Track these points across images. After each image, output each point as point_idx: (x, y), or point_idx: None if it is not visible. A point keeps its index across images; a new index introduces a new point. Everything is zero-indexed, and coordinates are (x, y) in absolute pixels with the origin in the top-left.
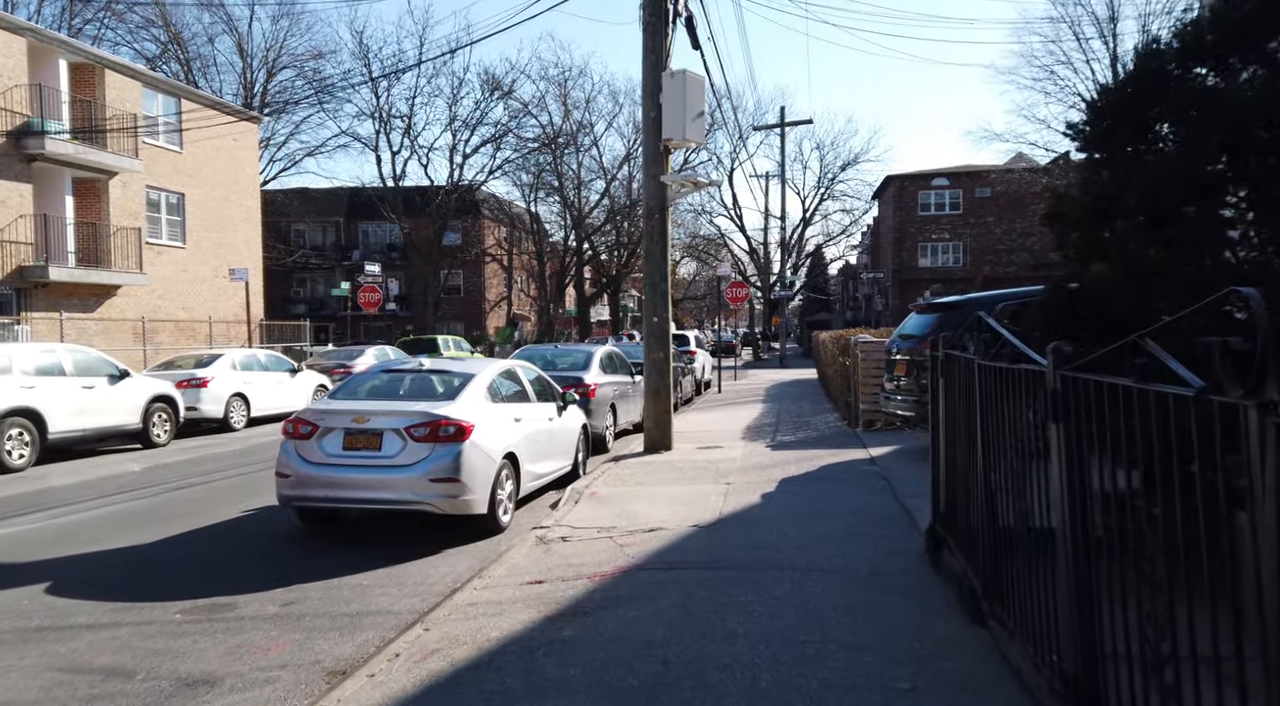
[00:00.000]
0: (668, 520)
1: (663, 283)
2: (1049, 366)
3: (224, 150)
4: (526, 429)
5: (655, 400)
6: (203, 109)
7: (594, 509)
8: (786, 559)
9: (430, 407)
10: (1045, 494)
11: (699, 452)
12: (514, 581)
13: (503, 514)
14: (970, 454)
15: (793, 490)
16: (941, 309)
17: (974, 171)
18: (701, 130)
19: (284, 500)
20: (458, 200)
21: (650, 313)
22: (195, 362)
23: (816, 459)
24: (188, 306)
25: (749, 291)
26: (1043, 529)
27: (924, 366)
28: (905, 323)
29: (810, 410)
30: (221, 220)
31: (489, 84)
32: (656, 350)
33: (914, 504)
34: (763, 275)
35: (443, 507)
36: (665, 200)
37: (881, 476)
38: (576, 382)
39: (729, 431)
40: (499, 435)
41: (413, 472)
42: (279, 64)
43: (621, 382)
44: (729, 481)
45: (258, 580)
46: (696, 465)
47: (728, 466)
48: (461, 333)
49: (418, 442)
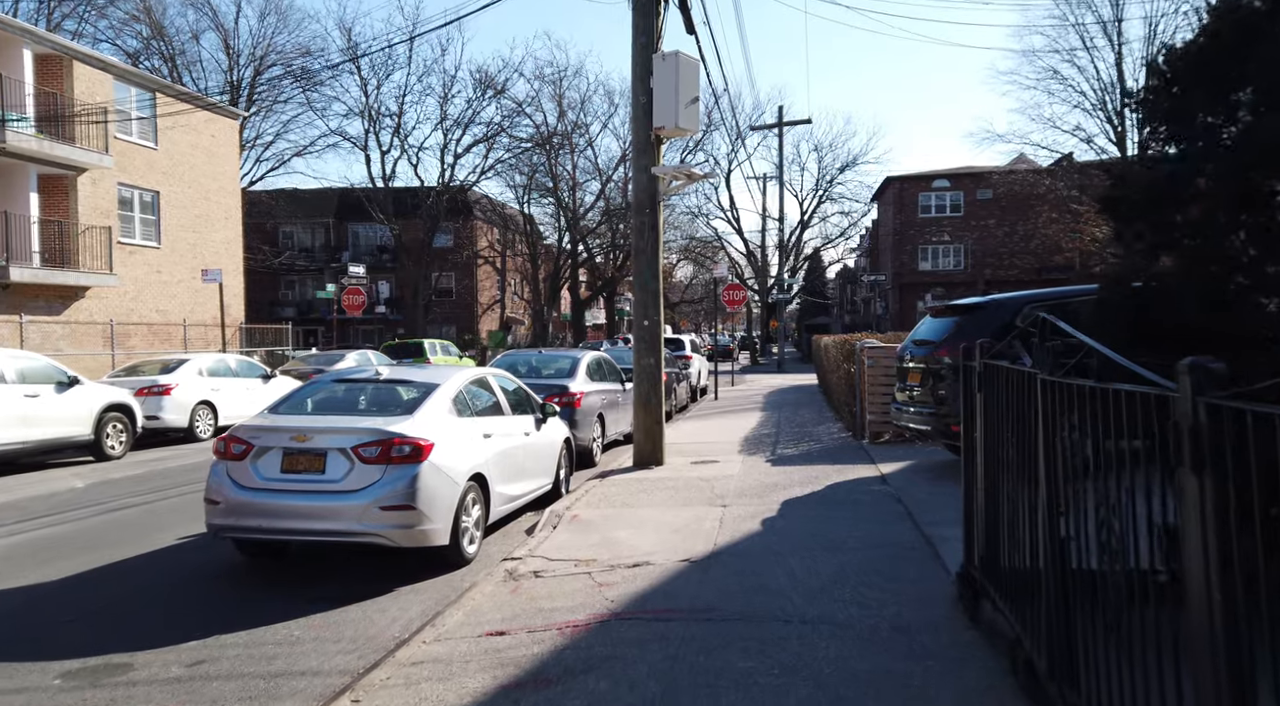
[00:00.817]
0: (655, 552)
1: (654, 282)
2: (1184, 391)
3: (202, 147)
4: (499, 445)
5: (645, 410)
6: (180, 104)
7: (574, 535)
8: (793, 607)
9: (383, 423)
10: (1162, 554)
11: (693, 468)
12: (472, 631)
13: (468, 544)
14: (1025, 489)
15: (797, 515)
16: (961, 312)
17: (975, 173)
18: (696, 118)
19: (213, 530)
20: (449, 201)
21: (641, 315)
22: (161, 368)
23: (822, 477)
24: (163, 309)
25: (746, 294)
26: (1155, 596)
27: (941, 375)
28: (919, 327)
29: (812, 419)
30: (199, 220)
31: (481, 82)
32: (647, 355)
33: (937, 533)
34: (760, 278)
35: (396, 540)
36: (657, 194)
37: (895, 498)
38: (560, 391)
39: (725, 443)
40: (465, 454)
41: (360, 499)
42: (266, 62)
43: (610, 390)
44: (725, 504)
45: (170, 631)
46: (690, 483)
47: (724, 485)
48: (453, 336)
49: (367, 464)
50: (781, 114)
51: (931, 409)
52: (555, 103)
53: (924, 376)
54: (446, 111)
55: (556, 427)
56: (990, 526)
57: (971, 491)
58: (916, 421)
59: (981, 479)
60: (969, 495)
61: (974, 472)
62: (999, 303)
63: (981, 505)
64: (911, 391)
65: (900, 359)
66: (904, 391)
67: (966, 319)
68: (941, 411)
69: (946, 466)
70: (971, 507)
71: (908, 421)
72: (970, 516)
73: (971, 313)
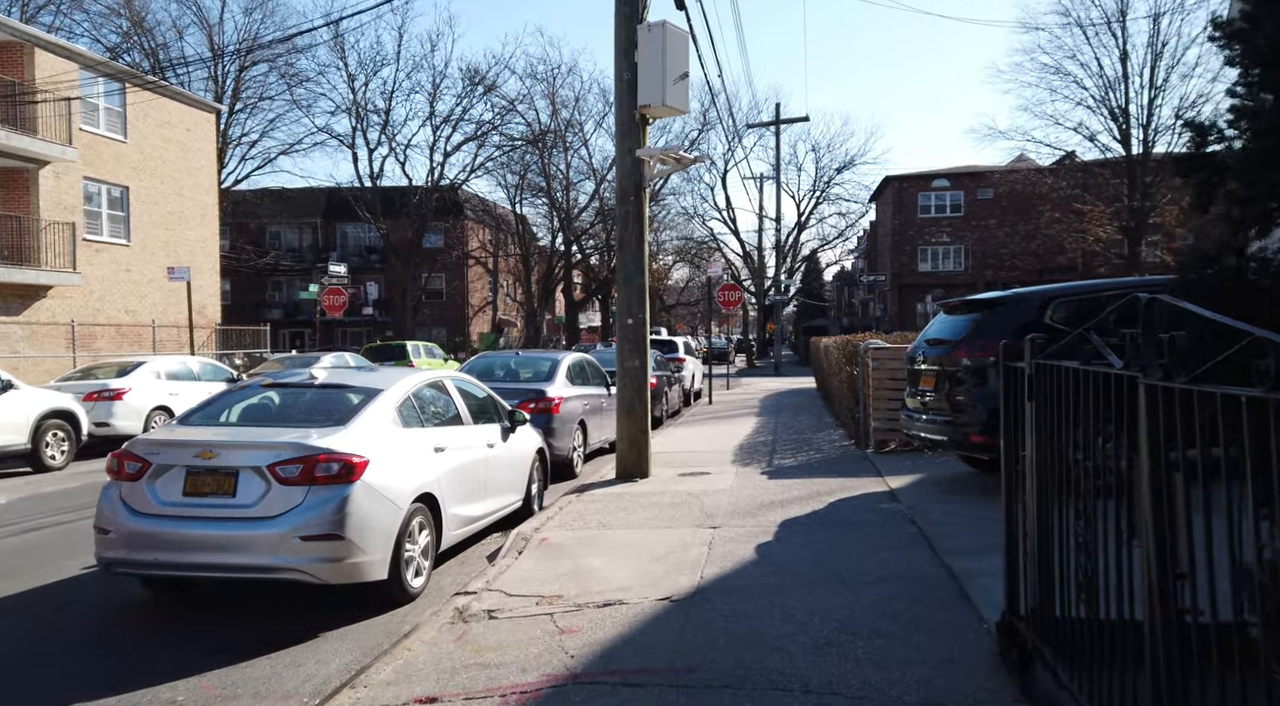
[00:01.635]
0: (631, 586)
1: (640, 277)
2: None
3: (176, 141)
4: (455, 460)
5: (629, 417)
6: (154, 96)
7: (541, 563)
8: (793, 669)
9: (305, 437)
10: None
11: (681, 481)
12: (398, 696)
13: (413, 576)
14: (1108, 524)
15: (797, 541)
16: (980, 308)
17: (976, 172)
18: (685, 96)
19: (103, 564)
20: (439, 200)
21: (625, 312)
22: (118, 371)
23: (824, 493)
24: (132, 309)
25: (741, 295)
26: None
27: (959, 379)
28: (931, 325)
29: (811, 425)
30: (172, 216)
31: (472, 78)
32: (632, 357)
33: (961, 565)
34: (757, 280)
35: (321, 575)
36: (642, 180)
37: (908, 519)
38: (537, 396)
39: (718, 452)
40: (410, 471)
41: (277, 528)
42: (251, 58)
43: (593, 395)
44: (715, 524)
45: (23, 696)
46: (677, 499)
47: (715, 502)
48: (443, 338)
49: (286, 486)
50: (779, 112)
51: (948, 417)
52: (548, 100)
53: (939, 380)
54: (435, 108)
55: (528, 437)
56: (1043, 568)
57: (1015, 523)
58: (931, 431)
59: (1034, 509)
60: (1012, 527)
61: (1019, 501)
62: (1021, 297)
63: (1033, 542)
64: (924, 397)
65: (911, 361)
66: (916, 397)
67: (987, 315)
68: (960, 420)
69: (961, 480)
70: (1016, 543)
71: (920, 431)
72: (1015, 555)
73: (992, 308)
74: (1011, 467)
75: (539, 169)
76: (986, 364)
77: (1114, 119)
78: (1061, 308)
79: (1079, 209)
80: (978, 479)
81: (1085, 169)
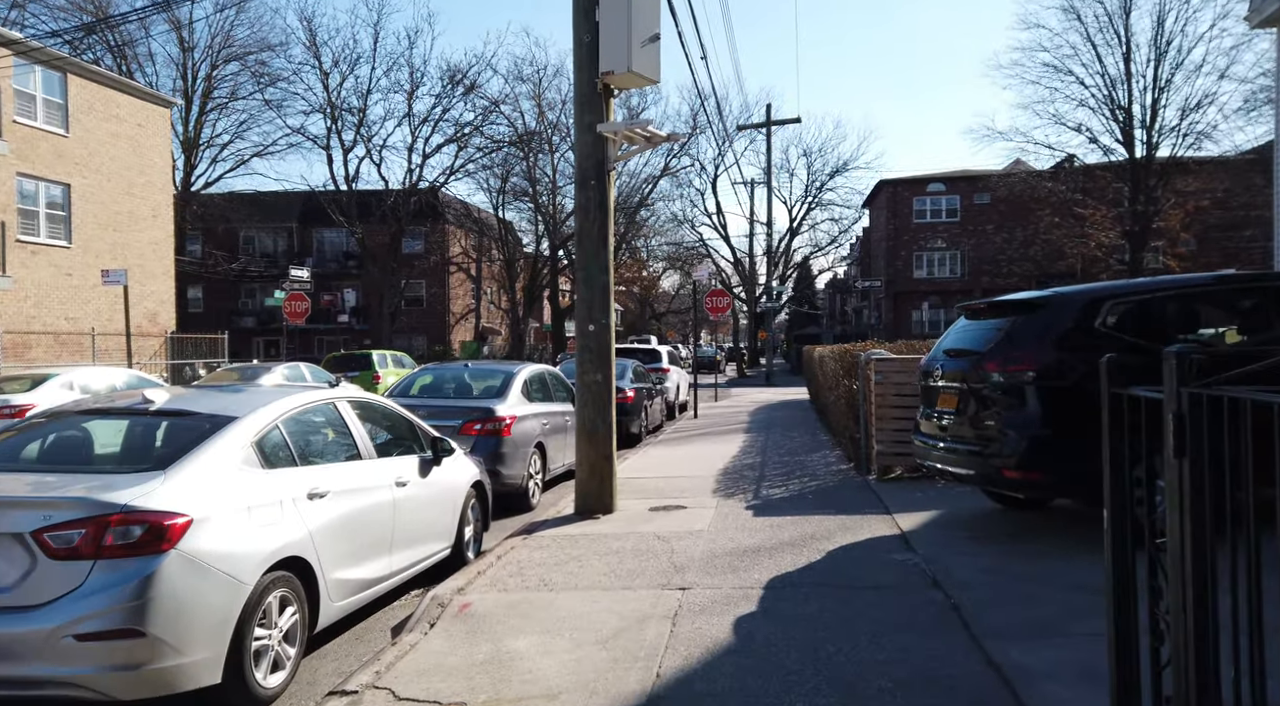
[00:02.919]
0: (560, 690)
1: (603, 275)
2: None
3: (125, 136)
4: (343, 507)
5: (591, 442)
6: (101, 88)
7: (454, 643)
8: None
9: (101, 489)
10: None
11: (651, 518)
12: None
13: (266, 674)
14: None
15: (788, 612)
16: (1013, 311)
17: (972, 176)
18: (655, 61)
19: None
20: (419, 204)
21: (585, 317)
22: (30, 383)
23: (820, 535)
24: (73, 317)
25: (730, 301)
26: None
27: (987, 398)
28: (950, 333)
29: (804, 444)
30: (122, 217)
31: (452, 77)
32: (594, 370)
33: (1015, 660)
34: (748, 287)
35: (110, 690)
36: (605, 161)
37: (929, 579)
38: (484, 415)
39: (698, 479)
40: (266, 528)
41: (44, 621)
42: (223, 56)
43: (555, 413)
44: (685, 584)
45: None
46: (643, 544)
47: (688, 549)
48: (424, 347)
49: (61, 559)
50: (769, 113)
51: (974, 445)
52: (534, 102)
53: (962, 400)
54: (414, 108)
55: (459, 469)
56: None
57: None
58: (951, 462)
59: (1187, 616)
60: (1124, 637)
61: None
62: (1066, 298)
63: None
64: (943, 420)
65: (926, 375)
66: (932, 420)
67: (1021, 321)
68: (990, 450)
69: (987, 521)
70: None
71: (938, 461)
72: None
73: (1028, 312)
74: (1120, 551)
75: (524, 172)
76: (1023, 380)
77: (1116, 120)
78: (1118, 310)
79: (1080, 213)
80: (1007, 519)
81: (1086, 172)
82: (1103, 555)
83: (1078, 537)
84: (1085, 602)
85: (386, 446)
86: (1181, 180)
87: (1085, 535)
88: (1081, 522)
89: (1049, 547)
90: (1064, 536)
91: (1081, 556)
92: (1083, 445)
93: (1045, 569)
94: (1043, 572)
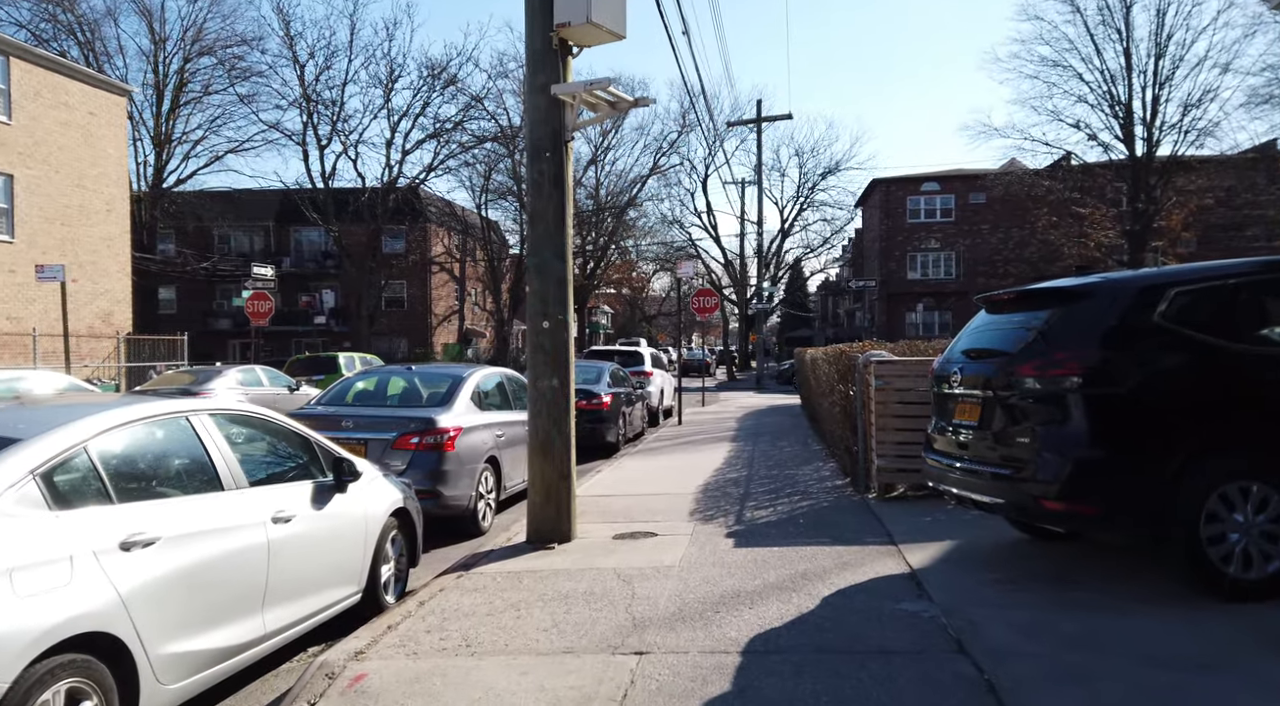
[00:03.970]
0: None
1: (558, 263)
2: None
3: (77, 126)
4: (177, 558)
5: (545, 458)
6: (48, 74)
7: None
8: None
9: None
10: None
11: (613, 550)
12: None
13: None
14: None
15: (772, 696)
16: (1052, 301)
17: (967, 175)
18: (620, 12)
19: None
20: (398, 202)
21: (537, 312)
22: None
23: (814, 575)
24: (15, 316)
25: (718, 301)
26: None
27: (1020, 410)
28: (968, 331)
29: (795, 455)
30: (71, 211)
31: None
32: (547, 375)
33: None
34: (739, 288)
35: None
36: (562, 128)
37: (953, 641)
38: (423, 427)
39: (675, 496)
40: (35, 600)
41: None
42: (196, 49)
43: (514, 423)
44: (643, 647)
45: None
46: (598, 586)
47: (653, 593)
48: (404, 349)
49: None
50: (760, 109)
51: (1002, 468)
52: (519, 98)
53: (986, 411)
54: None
55: (374, 495)
56: None
57: None
58: (975, 488)
59: None
60: None
61: None
62: (1117, 285)
63: None
64: (962, 435)
65: (940, 381)
66: (949, 434)
67: (1062, 313)
68: (1024, 473)
69: (1014, 554)
70: None
71: (956, 486)
72: None
73: (1070, 302)
74: None
75: (508, 170)
76: (1066, 386)
77: (1116, 116)
78: (1182, 300)
79: (1078, 212)
80: (1038, 553)
81: (1085, 170)
82: (1175, 609)
83: (1134, 581)
84: (1164, 683)
85: (267, 472)
86: (1183, 178)
87: (1142, 577)
88: (1132, 559)
89: (1099, 596)
90: (1115, 579)
91: (1145, 610)
92: (1146, 468)
93: (1101, 628)
94: (1099, 634)
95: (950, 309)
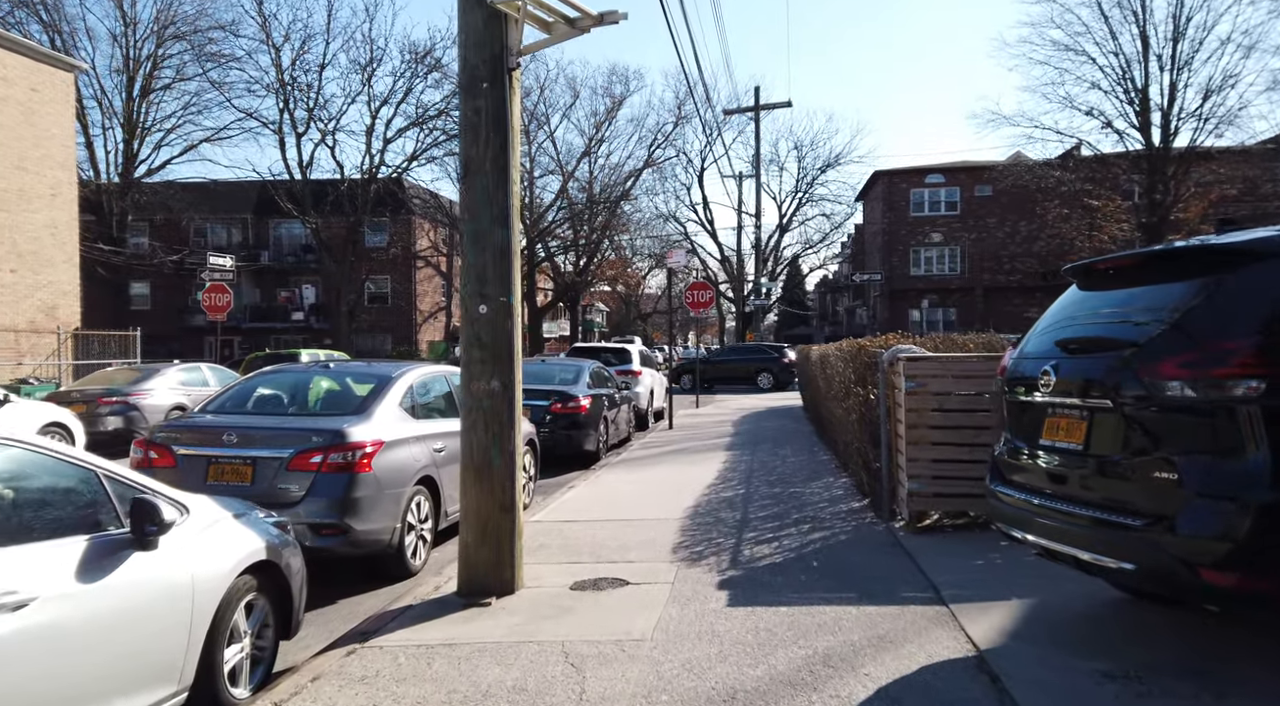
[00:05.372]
0: None
1: (500, 230)
2: None
3: (15, 101)
4: None
5: (481, 484)
6: None
7: None
8: None
9: None
10: None
11: (567, 608)
12: None
13: None
14: None
15: None
16: (1189, 268)
17: (973, 167)
18: None
19: None
20: (382, 193)
21: (474, 293)
22: None
23: (839, 661)
24: None
25: (713, 295)
26: None
27: (1160, 428)
28: (1058, 314)
29: (800, 467)
30: (9, 195)
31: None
32: (485, 377)
33: None
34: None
35: None
36: (506, 52)
37: None
38: (328, 442)
39: (656, 523)
40: None
41: None
42: (169, 33)
43: (458, 434)
44: None
45: None
46: (533, 676)
47: (608, 692)
48: (388, 347)
49: None
50: (758, 96)
51: (1127, 517)
52: None
53: (1099, 429)
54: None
55: (207, 547)
56: None
57: None
58: (1078, 541)
59: None
60: None
61: None
62: None
63: None
64: (1057, 462)
65: (1017, 384)
66: (1034, 459)
67: (1220, 283)
68: (1163, 525)
69: (1118, 625)
70: None
71: (1045, 535)
72: None
73: (1227, 269)
74: None
75: None
76: (1237, 394)
77: (1132, 103)
78: None
79: (1090, 204)
80: (1153, 619)
81: (1099, 160)
82: None
83: None
84: None
85: (9, 527)
86: (1203, 168)
87: None
88: None
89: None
90: None
91: None
92: None
93: None
94: None
95: (954, 305)
